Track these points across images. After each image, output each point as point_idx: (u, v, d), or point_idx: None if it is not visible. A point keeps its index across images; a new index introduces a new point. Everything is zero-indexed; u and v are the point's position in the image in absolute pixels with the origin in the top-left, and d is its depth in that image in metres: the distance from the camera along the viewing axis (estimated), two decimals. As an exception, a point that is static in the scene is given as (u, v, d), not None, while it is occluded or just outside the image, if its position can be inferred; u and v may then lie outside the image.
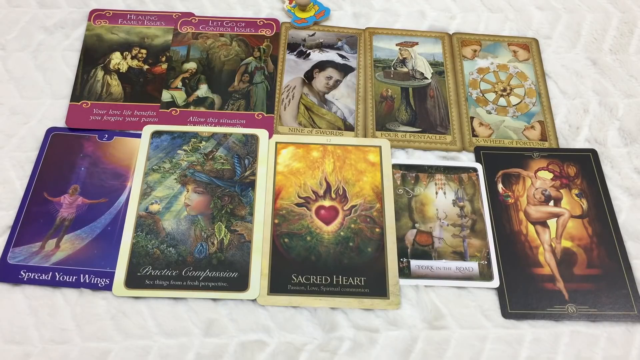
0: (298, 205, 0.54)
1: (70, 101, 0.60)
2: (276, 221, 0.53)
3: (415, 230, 0.53)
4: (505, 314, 0.50)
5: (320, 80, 0.63)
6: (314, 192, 0.55)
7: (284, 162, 0.56)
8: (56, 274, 0.50)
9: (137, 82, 0.62)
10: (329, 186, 0.55)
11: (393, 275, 0.51)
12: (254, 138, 0.58)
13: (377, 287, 0.50)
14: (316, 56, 0.65)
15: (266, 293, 0.49)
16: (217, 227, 0.53)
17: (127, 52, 0.64)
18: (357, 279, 0.51)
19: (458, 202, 0.55)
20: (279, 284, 0.50)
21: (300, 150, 0.56)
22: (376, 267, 0.51)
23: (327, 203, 0.54)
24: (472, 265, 0.52)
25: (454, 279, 0.51)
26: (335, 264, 0.51)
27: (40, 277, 0.50)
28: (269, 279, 0.50)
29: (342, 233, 0.53)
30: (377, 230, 0.53)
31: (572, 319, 0.50)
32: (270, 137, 0.58)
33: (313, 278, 0.50)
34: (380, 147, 0.57)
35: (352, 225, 0.53)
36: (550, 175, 0.57)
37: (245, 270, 0.51)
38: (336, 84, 0.63)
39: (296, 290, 0.50)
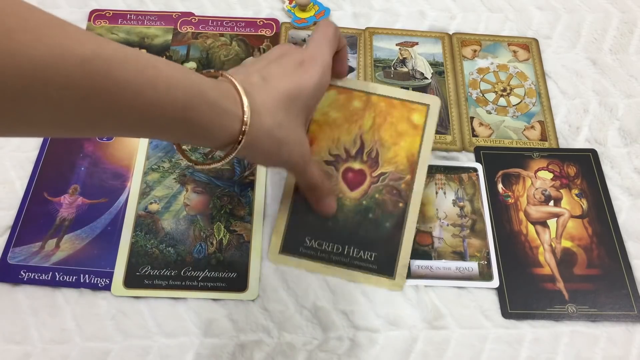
0: (327, 162, 0.49)
1: (70, 101, 0.60)
2: None
3: (415, 230, 0.53)
4: (505, 314, 0.50)
5: (320, 80, 0.63)
6: (346, 150, 0.49)
7: (321, 109, 0.49)
8: (56, 274, 0.50)
9: (137, 82, 0.62)
10: (362, 146, 0.49)
11: (405, 256, 0.48)
12: (254, 138, 0.58)
13: (385, 265, 0.48)
14: (316, 56, 0.65)
15: (277, 251, 0.47)
16: (216, 227, 0.53)
17: (127, 52, 0.64)
18: (367, 254, 0.48)
19: (458, 202, 0.55)
20: (291, 245, 0.48)
21: (341, 96, 0.49)
22: (390, 244, 0.49)
23: (356, 165, 0.49)
24: (472, 265, 0.52)
25: (454, 279, 0.51)
26: (351, 234, 0.49)
27: (40, 277, 0.50)
28: (283, 238, 0.48)
29: (364, 202, 0.49)
30: (401, 205, 0.49)
31: (572, 319, 0.50)
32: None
33: (325, 245, 0.48)
34: (428, 105, 0.50)
35: (377, 195, 0.49)
36: (550, 175, 0.57)
37: (244, 271, 0.51)
38: (336, 83, 0.63)
39: (307, 254, 0.48)
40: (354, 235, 0.48)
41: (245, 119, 0.37)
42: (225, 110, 0.36)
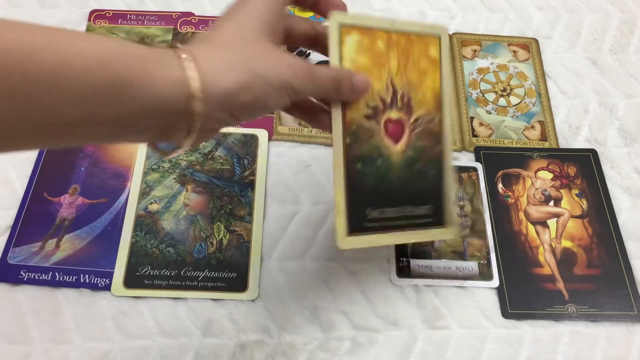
0: (367, 117, 0.42)
1: (70, 101, 0.60)
2: (348, 140, 0.41)
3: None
4: (505, 314, 0.50)
5: (320, 80, 0.62)
6: (382, 99, 0.43)
7: (349, 56, 0.42)
8: (56, 274, 0.50)
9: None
10: (395, 92, 0.43)
11: (452, 202, 0.45)
12: (254, 138, 0.58)
13: (438, 215, 0.45)
14: (316, 56, 0.65)
15: (345, 234, 0.41)
16: (216, 227, 0.53)
17: (127, 52, 0.64)
18: (424, 208, 0.44)
19: (458, 201, 0.55)
20: (356, 222, 0.42)
21: (365, 39, 0.43)
22: (437, 191, 0.45)
23: (394, 115, 0.43)
24: (472, 265, 0.52)
25: (454, 278, 0.51)
26: (405, 191, 0.44)
27: (41, 277, 0.50)
28: (347, 217, 0.41)
29: (409, 153, 0.44)
30: (438, 148, 0.45)
31: (572, 319, 0.50)
32: (269, 137, 0.58)
33: (386, 211, 0.43)
34: (439, 37, 0.46)
35: (418, 143, 0.44)
36: (550, 175, 0.57)
37: (244, 271, 0.51)
38: (336, 83, 0.62)
39: (372, 228, 0.42)
40: (407, 192, 0.44)
41: (188, 73, 0.30)
42: (160, 64, 0.30)
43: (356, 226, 0.41)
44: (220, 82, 0.31)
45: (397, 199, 0.43)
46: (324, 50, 0.42)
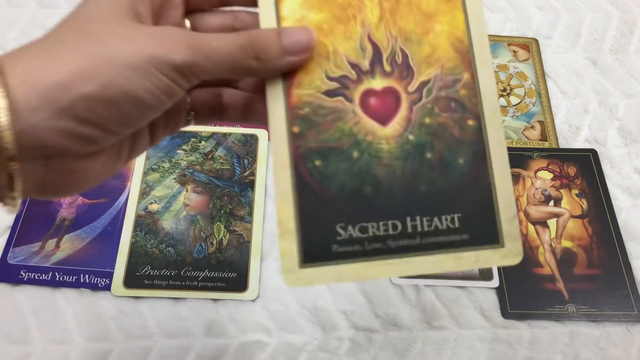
0: (329, 93, 0.29)
1: (70, 101, 0.60)
2: (295, 129, 0.29)
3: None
4: (505, 314, 0.50)
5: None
6: (353, 65, 0.30)
7: (292, 14, 0.30)
8: (56, 274, 0.50)
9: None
10: (377, 50, 0.30)
11: (507, 204, 0.30)
12: (254, 138, 0.58)
13: (481, 228, 0.30)
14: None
15: (297, 265, 0.28)
16: (216, 227, 0.53)
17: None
18: (446, 218, 0.30)
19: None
20: (317, 246, 0.29)
21: None
22: (476, 191, 0.30)
23: (378, 83, 0.30)
24: (472, 265, 0.52)
25: (454, 278, 0.51)
26: (407, 195, 0.30)
27: (41, 277, 0.50)
28: (299, 239, 0.28)
29: (410, 137, 0.30)
30: (471, 122, 0.30)
31: (572, 319, 0.50)
32: (269, 138, 0.58)
33: (373, 227, 0.29)
34: None
35: (427, 120, 0.30)
36: (550, 175, 0.57)
37: (244, 271, 0.51)
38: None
39: (347, 254, 0.29)
40: (412, 196, 0.30)
41: None
42: None
43: (317, 252, 0.29)
44: (42, 79, 0.22)
45: (393, 208, 0.30)
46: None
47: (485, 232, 0.30)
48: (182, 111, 0.31)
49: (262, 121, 0.30)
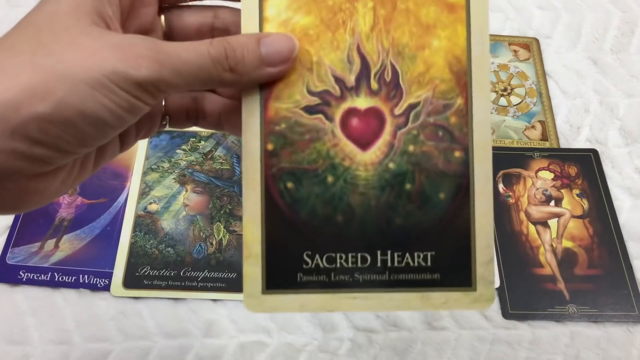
0: (308, 110, 0.28)
1: (70, 101, 0.60)
2: (269, 146, 0.28)
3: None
4: (506, 315, 0.50)
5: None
6: (337, 79, 0.28)
7: (277, 16, 0.27)
8: (55, 274, 0.50)
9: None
10: (365, 64, 0.28)
11: (484, 246, 0.28)
12: (254, 138, 0.58)
13: (454, 269, 0.29)
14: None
15: (259, 291, 0.28)
16: (215, 227, 0.53)
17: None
18: (419, 255, 0.28)
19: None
20: (281, 272, 0.28)
21: None
22: (453, 229, 0.29)
23: (362, 102, 0.28)
24: (473, 266, 0.52)
25: (454, 279, 0.51)
26: (381, 227, 0.28)
27: (40, 278, 0.50)
28: (264, 265, 0.28)
29: (390, 165, 0.28)
30: (458, 154, 0.28)
31: (573, 320, 0.50)
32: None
33: (341, 258, 0.28)
34: None
35: (411, 148, 0.28)
36: (551, 175, 0.57)
37: (245, 271, 0.51)
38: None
39: (313, 284, 0.28)
40: (386, 229, 0.28)
41: None
42: None
43: (281, 280, 0.28)
44: None
45: (364, 240, 0.28)
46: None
47: (457, 274, 0.28)
48: (156, 116, 0.29)
49: (239, 132, 0.27)
